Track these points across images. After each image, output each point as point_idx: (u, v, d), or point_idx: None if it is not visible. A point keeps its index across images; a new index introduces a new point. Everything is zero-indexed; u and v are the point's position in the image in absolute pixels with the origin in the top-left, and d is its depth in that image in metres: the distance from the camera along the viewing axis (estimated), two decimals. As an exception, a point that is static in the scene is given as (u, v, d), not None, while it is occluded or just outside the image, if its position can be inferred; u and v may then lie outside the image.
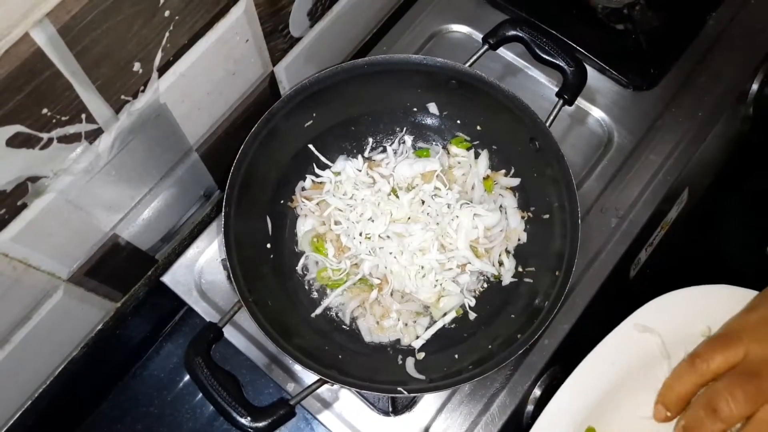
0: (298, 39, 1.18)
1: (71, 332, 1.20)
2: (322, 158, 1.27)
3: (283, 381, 1.22)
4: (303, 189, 1.26)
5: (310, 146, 1.26)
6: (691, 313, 1.02)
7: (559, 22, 1.36)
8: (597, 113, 1.36)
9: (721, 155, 1.48)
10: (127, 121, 0.94)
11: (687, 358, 0.90)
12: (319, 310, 1.19)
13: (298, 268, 1.23)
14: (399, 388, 1.03)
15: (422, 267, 1.17)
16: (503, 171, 1.25)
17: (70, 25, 0.73)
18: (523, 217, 1.23)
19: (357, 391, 1.19)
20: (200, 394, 1.30)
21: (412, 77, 1.21)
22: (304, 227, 1.23)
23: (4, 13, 0.66)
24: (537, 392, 1.19)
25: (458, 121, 1.28)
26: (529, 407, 1.19)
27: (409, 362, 1.15)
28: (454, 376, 1.06)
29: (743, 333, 0.80)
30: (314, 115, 1.22)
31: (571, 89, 1.15)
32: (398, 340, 1.18)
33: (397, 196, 1.20)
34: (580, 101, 1.32)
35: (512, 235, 1.21)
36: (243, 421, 0.96)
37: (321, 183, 1.26)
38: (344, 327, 1.20)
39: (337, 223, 1.21)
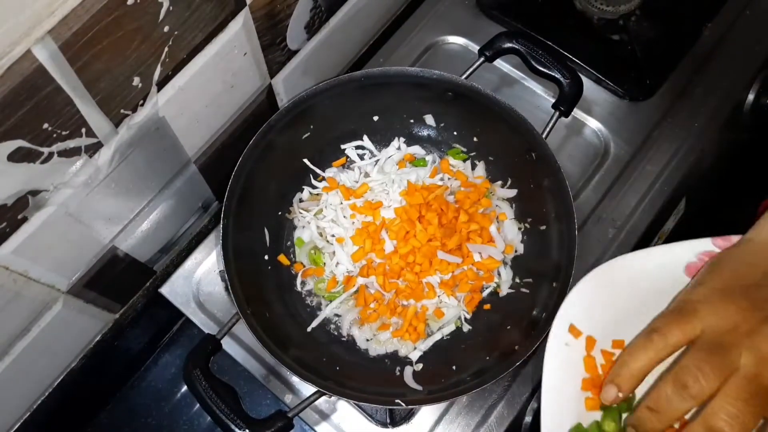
0: (296, 52, 1.19)
1: (70, 343, 1.20)
2: (318, 171, 1.27)
3: (281, 392, 1.22)
4: (300, 200, 1.26)
5: (305, 161, 1.26)
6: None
7: (555, 33, 1.36)
8: (593, 124, 1.36)
9: (718, 165, 1.49)
10: (127, 135, 0.94)
11: (642, 333, 0.88)
12: (316, 323, 1.19)
13: (296, 280, 1.23)
14: (397, 400, 1.03)
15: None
16: (500, 182, 1.26)
17: (71, 41, 0.74)
18: (520, 228, 1.23)
19: (355, 403, 1.20)
20: (198, 405, 1.30)
21: (408, 89, 1.22)
22: (301, 239, 1.24)
23: (7, 30, 0.67)
24: (535, 404, 1.19)
25: (455, 133, 1.28)
26: (527, 418, 1.20)
27: (407, 373, 1.15)
28: (452, 387, 1.06)
29: (698, 305, 0.77)
30: (312, 127, 1.22)
31: (567, 101, 1.15)
32: (396, 352, 1.18)
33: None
34: (576, 112, 1.33)
35: (509, 247, 1.22)
36: (241, 433, 0.97)
37: (318, 195, 1.26)
38: (342, 339, 1.20)
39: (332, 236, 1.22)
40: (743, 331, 0.73)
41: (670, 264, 0.94)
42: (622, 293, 0.95)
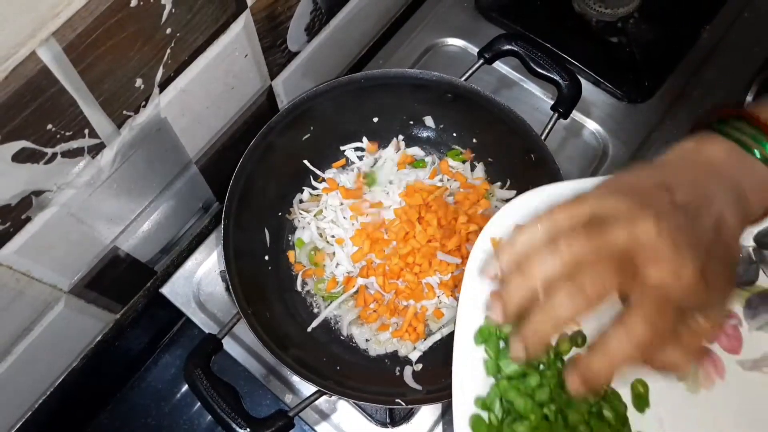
0: (296, 53, 1.19)
1: (71, 343, 1.20)
2: (318, 172, 1.28)
3: (281, 392, 1.22)
4: (301, 201, 1.27)
5: (305, 162, 1.27)
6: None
7: (554, 35, 1.37)
8: (592, 125, 1.37)
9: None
10: (129, 136, 0.95)
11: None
12: (316, 323, 1.20)
13: (296, 280, 1.24)
14: (397, 400, 1.03)
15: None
16: (499, 183, 1.26)
17: (75, 43, 0.74)
18: (519, 229, 1.23)
19: (355, 403, 1.20)
20: (198, 405, 1.31)
21: (408, 91, 1.22)
22: (301, 239, 1.24)
23: (12, 32, 0.67)
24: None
25: (454, 134, 1.29)
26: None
27: (407, 373, 1.15)
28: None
29: (588, 197, 0.78)
30: (312, 128, 1.23)
31: (566, 103, 1.16)
32: (396, 352, 1.19)
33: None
34: (575, 114, 1.34)
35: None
36: (243, 432, 0.97)
37: (318, 195, 1.27)
38: (342, 338, 1.21)
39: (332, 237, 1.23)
40: (625, 218, 0.74)
41: None
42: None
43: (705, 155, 0.79)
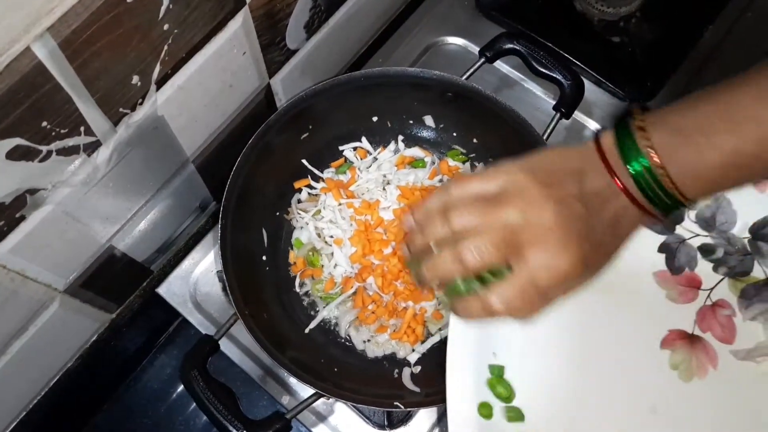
0: (295, 51, 1.18)
1: (66, 343, 1.19)
2: (316, 172, 1.27)
3: (278, 393, 1.21)
4: (299, 201, 1.26)
5: (304, 161, 1.26)
6: None
7: (554, 34, 1.36)
8: (594, 126, 1.36)
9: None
10: (125, 134, 0.93)
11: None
12: (313, 324, 1.19)
13: (294, 281, 1.23)
14: (396, 402, 1.03)
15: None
16: (499, 184, 1.25)
17: (70, 39, 0.73)
18: (519, 230, 1.22)
19: (353, 405, 1.19)
20: (194, 405, 1.30)
21: (408, 90, 1.21)
22: (300, 240, 1.23)
23: (7, 27, 0.66)
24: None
25: (454, 134, 1.28)
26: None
27: (406, 375, 1.14)
28: (451, 390, 1.06)
29: (499, 170, 0.80)
30: (310, 127, 1.22)
31: (568, 103, 1.15)
32: (394, 354, 1.18)
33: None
34: (576, 114, 1.32)
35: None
36: (239, 434, 0.96)
37: (317, 195, 1.26)
38: (339, 340, 1.20)
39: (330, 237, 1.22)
40: (525, 196, 0.76)
41: None
42: None
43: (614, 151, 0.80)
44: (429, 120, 1.28)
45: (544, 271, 0.75)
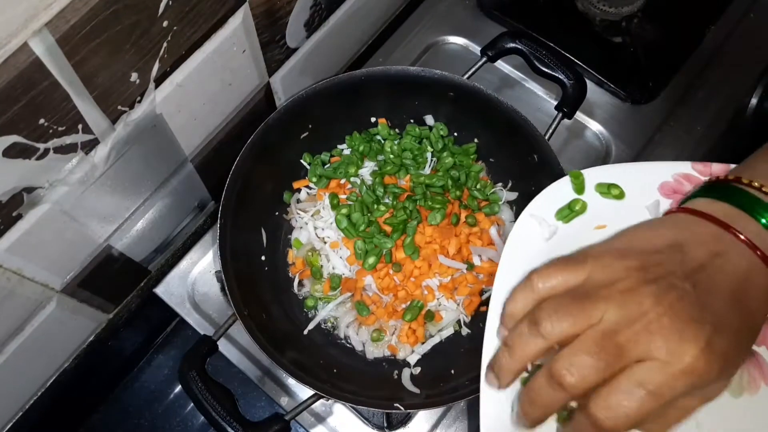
0: (295, 50, 1.18)
1: (63, 343, 1.19)
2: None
3: (276, 394, 1.21)
4: (298, 201, 1.25)
5: (303, 162, 1.25)
6: None
7: (556, 34, 1.35)
8: (595, 126, 1.35)
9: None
10: (123, 132, 0.93)
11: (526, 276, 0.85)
12: (312, 325, 1.18)
13: (293, 281, 1.22)
14: (395, 404, 1.02)
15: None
16: (501, 184, 1.25)
17: (68, 35, 0.72)
18: (520, 231, 1.22)
19: (352, 406, 1.19)
20: (191, 406, 1.30)
21: (409, 89, 1.21)
22: (299, 240, 1.22)
23: (4, 22, 0.65)
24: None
25: (455, 134, 1.27)
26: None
27: (405, 374, 1.14)
28: (451, 391, 1.05)
29: (589, 257, 0.75)
30: (310, 126, 1.21)
31: (570, 103, 1.14)
32: (394, 355, 1.17)
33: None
34: (578, 114, 1.31)
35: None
36: (238, 436, 0.96)
37: (316, 195, 1.25)
38: (339, 341, 1.19)
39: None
40: (620, 288, 0.70)
41: (645, 180, 0.91)
42: (591, 200, 0.93)
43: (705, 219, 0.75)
44: (430, 119, 1.27)
45: (660, 375, 0.66)
